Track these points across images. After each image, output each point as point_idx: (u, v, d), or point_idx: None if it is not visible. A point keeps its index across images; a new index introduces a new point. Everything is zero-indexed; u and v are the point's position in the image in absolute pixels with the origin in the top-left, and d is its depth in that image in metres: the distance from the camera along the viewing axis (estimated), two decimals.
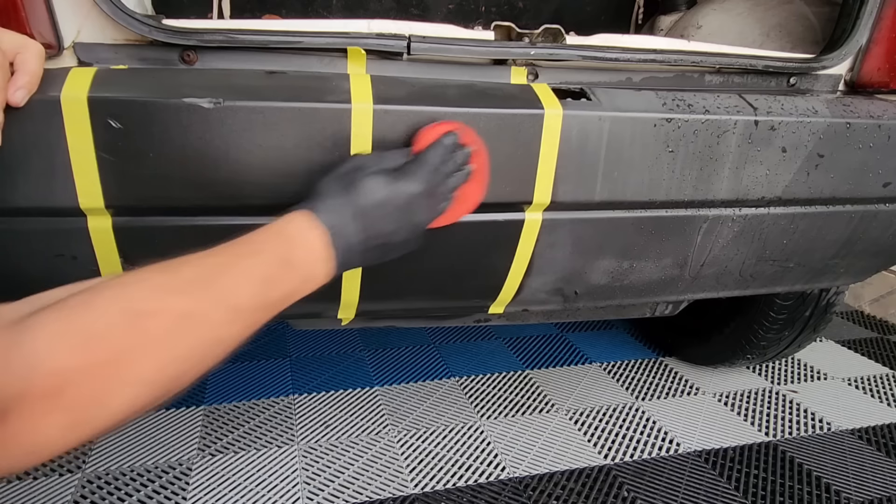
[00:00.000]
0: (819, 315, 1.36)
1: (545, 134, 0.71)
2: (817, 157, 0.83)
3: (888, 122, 0.85)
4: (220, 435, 1.28)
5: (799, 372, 1.66)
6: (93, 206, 0.64)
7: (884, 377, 1.65)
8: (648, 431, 1.35)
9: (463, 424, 1.35)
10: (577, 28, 0.97)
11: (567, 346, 1.77)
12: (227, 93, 0.62)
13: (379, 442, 1.27)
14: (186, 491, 1.11)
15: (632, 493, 1.15)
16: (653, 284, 0.94)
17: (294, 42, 0.70)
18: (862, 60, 0.90)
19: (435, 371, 1.60)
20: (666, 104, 0.77)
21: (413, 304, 0.90)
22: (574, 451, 1.27)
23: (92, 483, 1.12)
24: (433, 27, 0.75)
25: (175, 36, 0.67)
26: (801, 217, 0.90)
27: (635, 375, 1.61)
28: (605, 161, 0.75)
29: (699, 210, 0.85)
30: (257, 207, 0.67)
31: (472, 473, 1.19)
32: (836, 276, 1.06)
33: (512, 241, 0.80)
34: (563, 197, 0.76)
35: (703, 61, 0.84)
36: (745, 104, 0.80)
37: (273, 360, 1.62)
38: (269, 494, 1.11)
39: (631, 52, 0.80)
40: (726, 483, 1.19)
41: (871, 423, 1.42)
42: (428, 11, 1.72)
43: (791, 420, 1.42)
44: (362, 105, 0.65)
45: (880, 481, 1.21)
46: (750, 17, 1.14)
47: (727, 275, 0.96)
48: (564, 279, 0.88)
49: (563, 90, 0.75)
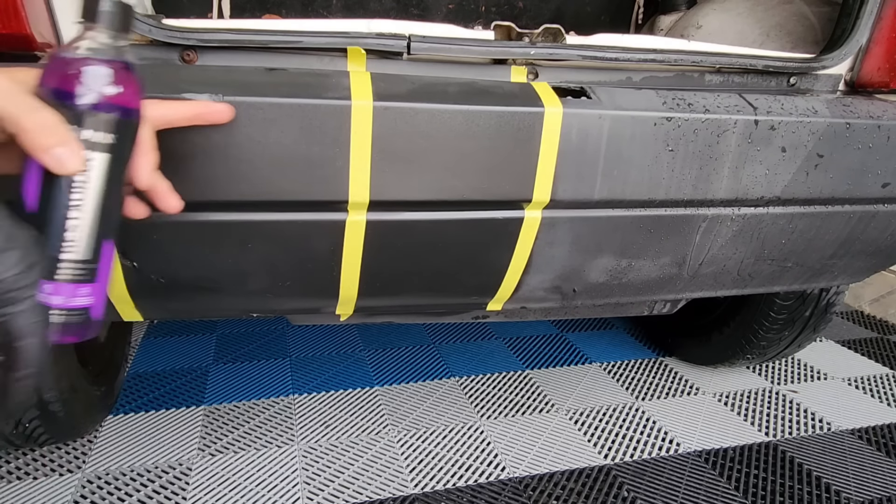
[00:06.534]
0: (819, 315, 1.37)
1: (545, 132, 0.71)
2: (817, 157, 0.84)
3: (888, 122, 0.85)
4: (220, 435, 1.28)
5: (799, 372, 1.66)
6: None
7: (884, 377, 1.65)
8: (648, 431, 1.35)
9: (463, 424, 1.35)
10: (577, 28, 0.97)
11: (567, 346, 1.77)
12: (227, 89, 0.63)
13: (379, 442, 1.27)
14: (186, 491, 1.11)
15: (632, 493, 1.14)
16: (651, 283, 0.94)
17: (294, 42, 0.70)
18: (862, 60, 0.90)
19: (435, 371, 1.60)
20: (666, 103, 0.77)
21: (412, 300, 0.90)
22: (574, 451, 1.27)
23: (92, 483, 1.12)
24: (433, 27, 0.75)
25: (175, 35, 0.67)
26: (799, 217, 0.90)
27: (635, 375, 1.61)
28: (605, 159, 0.75)
29: (698, 209, 0.85)
30: (257, 204, 0.67)
31: (472, 473, 1.18)
32: (835, 276, 1.06)
33: (511, 239, 0.80)
34: (563, 195, 0.76)
35: (703, 61, 0.84)
36: (745, 104, 0.80)
37: (273, 360, 1.62)
38: (269, 494, 1.11)
39: (631, 52, 0.80)
40: (726, 483, 1.19)
41: (871, 423, 1.42)
42: (428, 11, 1.72)
43: (791, 420, 1.42)
44: (362, 102, 0.65)
45: (880, 481, 1.21)
46: (750, 17, 1.15)
47: (725, 274, 0.96)
48: (563, 277, 0.89)
49: (564, 89, 0.76)
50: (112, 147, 0.48)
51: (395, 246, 0.78)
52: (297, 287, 0.78)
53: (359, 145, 0.67)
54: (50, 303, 0.48)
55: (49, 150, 0.43)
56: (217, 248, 0.73)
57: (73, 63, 0.45)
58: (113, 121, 0.47)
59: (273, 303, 0.86)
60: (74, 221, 0.47)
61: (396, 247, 0.78)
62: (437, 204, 0.74)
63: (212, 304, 0.86)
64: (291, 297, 0.83)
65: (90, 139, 0.46)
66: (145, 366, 1.57)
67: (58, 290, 0.48)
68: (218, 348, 1.68)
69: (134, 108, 0.48)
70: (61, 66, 0.45)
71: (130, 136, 0.49)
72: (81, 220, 0.47)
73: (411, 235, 0.77)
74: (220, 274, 0.77)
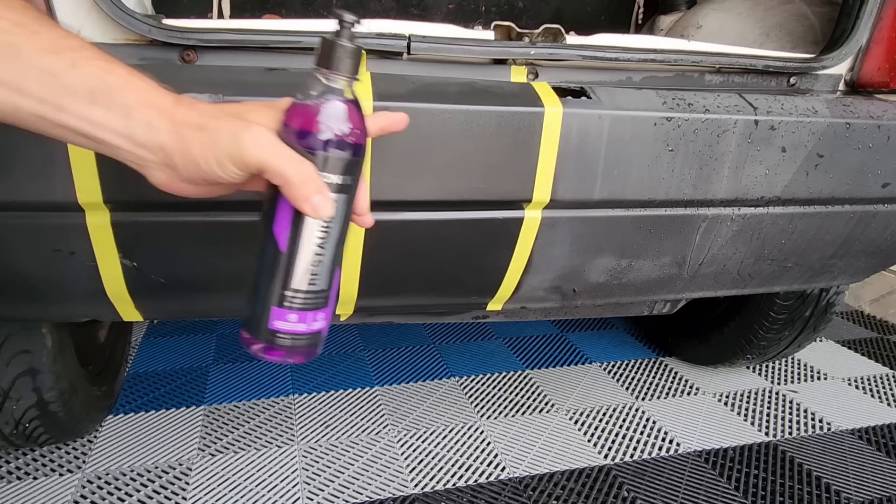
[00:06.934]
0: (819, 315, 1.37)
1: (545, 132, 0.71)
2: (817, 157, 0.84)
3: (888, 122, 0.85)
4: (220, 435, 1.28)
5: (799, 372, 1.66)
6: (91, 201, 0.65)
7: (884, 377, 1.65)
8: (648, 431, 1.35)
9: (463, 424, 1.35)
10: (577, 28, 0.97)
11: (567, 346, 1.77)
12: (228, 88, 0.63)
13: (379, 442, 1.27)
14: (186, 491, 1.11)
15: (632, 493, 1.14)
16: (651, 283, 0.94)
17: (294, 42, 0.70)
18: (862, 60, 0.90)
19: (435, 371, 1.60)
20: (666, 103, 0.77)
21: (412, 300, 0.90)
22: (574, 451, 1.27)
23: (92, 483, 1.12)
24: (433, 27, 0.75)
25: (175, 35, 0.67)
26: (799, 217, 0.90)
27: (635, 375, 1.61)
28: (605, 159, 0.75)
29: (698, 209, 0.85)
30: (256, 203, 0.67)
31: (472, 473, 1.18)
32: (834, 276, 1.06)
33: (511, 239, 0.80)
34: (563, 195, 0.76)
35: (703, 61, 0.84)
36: (745, 104, 0.80)
37: None
38: (269, 494, 1.10)
39: (631, 52, 0.80)
40: (726, 483, 1.19)
41: (871, 423, 1.42)
42: (428, 11, 1.72)
43: (791, 420, 1.42)
44: (362, 102, 0.65)
45: (880, 481, 1.21)
46: (750, 17, 1.15)
47: (725, 274, 0.96)
48: (563, 277, 0.89)
49: (564, 89, 0.76)
50: (349, 187, 0.51)
51: (395, 246, 0.78)
52: None
53: None
54: (295, 330, 0.52)
55: (309, 199, 0.47)
56: (218, 247, 0.73)
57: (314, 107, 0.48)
58: (350, 161, 0.49)
59: None
60: (319, 257, 0.51)
61: (396, 247, 0.78)
62: (437, 204, 0.74)
63: (212, 303, 0.86)
64: None
65: (333, 182, 0.49)
66: (145, 366, 1.56)
67: (302, 318, 0.52)
68: (218, 348, 1.68)
69: (363, 144, 0.51)
70: (303, 109, 0.48)
71: (360, 171, 0.52)
72: (325, 255, 0.51)
73: (411, 235, 0.77)
74: (221, 274, 0.77)
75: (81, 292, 0.76)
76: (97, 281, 0.73)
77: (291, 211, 0.49)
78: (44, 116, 0.44)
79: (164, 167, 0.47)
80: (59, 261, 0.70)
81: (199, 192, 0.50)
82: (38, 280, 0.73)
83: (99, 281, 0.73)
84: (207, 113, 0.47)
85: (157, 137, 0.45)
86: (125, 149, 0.46)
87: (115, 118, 0.44)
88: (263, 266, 0.51)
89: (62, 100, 0.43)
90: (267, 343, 0.52)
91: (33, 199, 0.64)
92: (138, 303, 0.79)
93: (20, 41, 0.42)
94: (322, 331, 0.55)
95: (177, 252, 0.73)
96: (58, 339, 1.02)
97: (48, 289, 0.75)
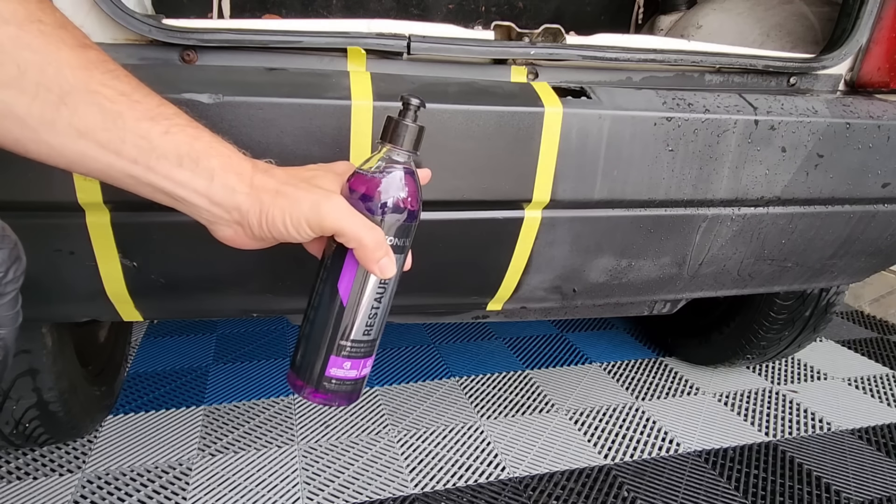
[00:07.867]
0: (819, 315, 1.37)
1: (545, 132, 0.71)
2: (817, 157, 0.84)
3: (888, 122, 0.85)
4: (220, 435, 1.28)
5: (799, 372, 1.66)
6: (91, 201, 0.65)
7: (884, 377, 1.65)
8: (648, 431, 1.35)
9: (463, 424, 1.35)
10: (577, 28, 0.97)
11: (567, 346, 1.77)
12: (227, 88, 0.63)
13: (379, 442, 1.27)
14: (186, 491, 1.11)
15: (632, 493, 1.14)
16: (651, 283, 0.94)
17: (294, 42, 0.70)
18: (862, 60, 0.90)
19: (435, 371, 1.60)
20: (666, 103, 0.77)
21: (411, 299, 0.90)
22: (574, 451, 1.27)
23: (92, 483, 1.12)
24: (433, 27, 0.75)
25: (175, 35, 0.67)
26: (799, 217, 0.90)
27: (635, 375, 1.61)
28: (605, 159, 0.75)
29: (698, 209, 0.85)
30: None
31: (472, 473, 1.18)
32: (835, 276, 1.06)
33: (511, 239, 0.80)
34: (563, 195, 0.76)
35: (703, 61, 0.84)
36: (745, 104, 0.80)
37: (273, 360, 1.62)
38: (269, 494, 1.10)
39: (631, 52, 0.80)
40: (726, 483, 1.19)
41: (871, 423, 1.42)
42: (428, 11, 1.72)
43: (791, 420, 1.42)
44: (362, 102, 0.65)
45: (880, 481, 1.21)
46: (750, 17, 1.15)
47: (725, 274, 0.96)
48: (563, 277, 0.88)
49: (564, 88, 0.76)
50: (404, 248, 0.57)
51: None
52: (297, 287, 0.78)
53: (359, 145, 0.67)
54: (347, 376, 0.58)
55: (378, 261, 0.52)
56: (218, 247, 0.73)
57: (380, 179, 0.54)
58: (407, 226, 0.55)
59: (273, 302, 0.86)
60: (375, 310, 0.57)
61: None
62: (437, 204, 0.74)
63: (212, 303, 0.86)
64: (291, 296, 0.83)
65: (395, 244, 0.55)
66: (145, 366, 1.56)
67: (355, 365, 0.58)
68: (218, 348, 1.68)
69: (418, 210, 0.56)
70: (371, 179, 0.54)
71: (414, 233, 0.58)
72: (381, 308, 0.57)
73: None
74: (221, 274, 0.77)
75: (81, 292, 0.76)
76: (97, 281, 0.73)
77: (356, 270, 0.54)
78: (134, 175, 0.48)
79: (234, 224, 0.52)
80: (59, 261, 0.70)
81: (259, 245, 0.55)
82: (37, 280, 0.73)
83: (99, 281, 0.73)
84: (283, 180, 0.52)
85: (234, 199, 0.50)
86: (203, 207, 0.50)
87: (199, 180, 0.49)
88: (323, 318, 0.56)
89: (153, 162, 0.47)
90: (319, 388, 0.57)
91: (33, 199, 0.64)
92: (138, 303, 0.80)
93: (123, 109, 0.46)
94: (367, 376, 0.61)
95: (177, 252, 0.73)
96: (58, 339, 1.02)
97: (48, 289, 0.75)
